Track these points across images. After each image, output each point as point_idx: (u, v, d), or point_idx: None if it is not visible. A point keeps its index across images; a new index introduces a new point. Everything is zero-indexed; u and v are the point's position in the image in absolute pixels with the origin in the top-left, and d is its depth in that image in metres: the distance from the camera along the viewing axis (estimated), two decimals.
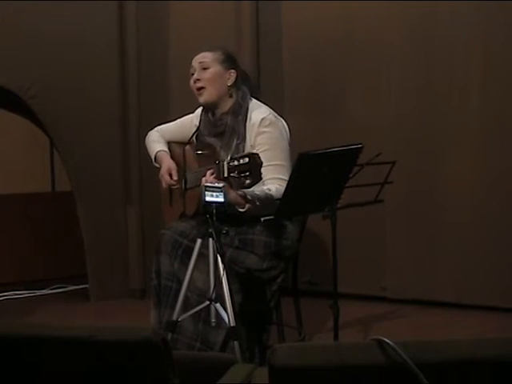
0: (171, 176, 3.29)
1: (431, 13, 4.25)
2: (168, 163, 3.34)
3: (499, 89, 4.16)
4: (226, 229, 2.90)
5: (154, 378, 1.58)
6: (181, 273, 3.00)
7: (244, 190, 2.85)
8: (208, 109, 3.27)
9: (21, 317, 4.27)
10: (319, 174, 2.84)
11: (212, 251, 2.74)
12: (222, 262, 2.70)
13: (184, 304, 2.84)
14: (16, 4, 4.36)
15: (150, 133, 3.56)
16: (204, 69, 3.23)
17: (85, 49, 4.60)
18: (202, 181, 2.80)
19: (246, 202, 2.94)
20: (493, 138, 4.19)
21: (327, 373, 1.45)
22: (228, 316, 2.71)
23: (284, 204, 2.89)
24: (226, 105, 3.24)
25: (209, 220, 2.71)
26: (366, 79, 4.48)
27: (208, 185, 2.70)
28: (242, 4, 4.65)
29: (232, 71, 3.25)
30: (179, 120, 3.53)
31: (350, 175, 2.94)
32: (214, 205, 2.68)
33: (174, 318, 2.82)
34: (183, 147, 3.25)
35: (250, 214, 3.01)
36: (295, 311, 3.49)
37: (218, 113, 3.25)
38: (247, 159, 2.62)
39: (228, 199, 2.73)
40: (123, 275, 4.81)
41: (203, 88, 3.22)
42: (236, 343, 2.72)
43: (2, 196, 5.18)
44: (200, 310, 2.89)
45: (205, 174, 2.83)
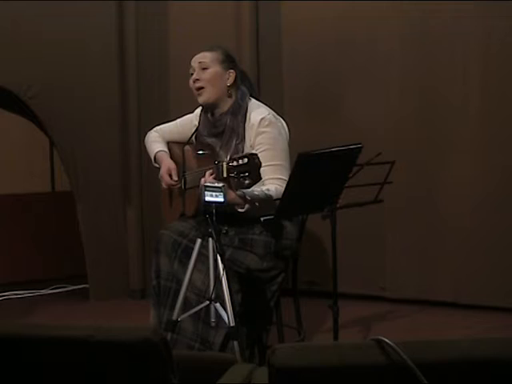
0: (171, 176, 3.29)
1: (431, 13, 4.25)
2: (167, 163, 3.34)
3: (499, 89, 4.16)
4: (226, 229, 2.90)
5: (154, 378, 1.58)
6: (180, 273, 3.00)
7: (243, 191, 2.85)
8: (207, 109, 3.27)
9: (20, 317, 4.27)
10: (319, 174, 2.84)
11: (212, 251, 2.74)
12: (222, 262, 2.70)
13: (184, 304, 2.84)
14: (16, 4, 4.36)
15: (150, 133, 3.56)
16: (203, 69, 3.23)
17: (84, 49, 4.60)
18: (201, 181, 2.80)
19: (246, 203, 2.93)
20: (493, 139, 4.19)
21: (327, 373, 1.45)
22: (228, 316, 2.71)
23: (284, 204, 2.89)
24: (226, 105, 3.24)
25: (209, 220, 2.70)
26: (366, 79, 4.48)
27: (208, 184, 2.69)
28: (242, 4, 4.65)
29: (231, 71, 3.25)
30: (178, 120, 3.53)
31: (350, 175, 2.94)
32: (214, 205, 2.68)
33: (174, 318, 2.82)
34: (182, 147, 3.25)
35: (250, 214, 3.01)
36: (295, 311, 3.49)
37: (218, 113, 3.24)
38: (246, 160, 2.62)
39: (227, 199, 2.73)
40: (123, 275, 4.81)
41: (202, 88, 3.22)
42: (236, 343, 2.72)
43: (2, 196, 5.18)
44: (200, 310, 2.90)
45: (204, 175, 2.83)
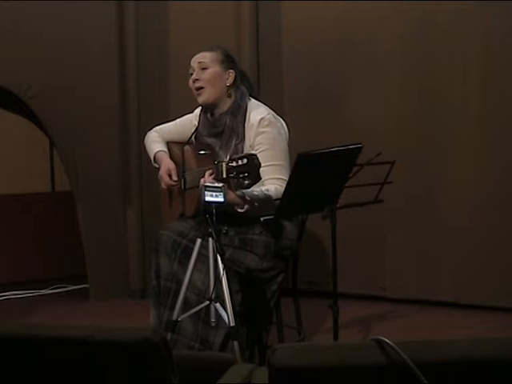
0: (170, 176, 3.29)
1: (431, 13, 4.25)
2: (167, 163, 3.34)
3: (499, 89, 4.16)
4: (226, 229, 2.90)
5: (154, 378, 1.58)
6: (180, 273, 2.99)
7: (243, 191, 2.85)
8: (207, 109, 3.26)
9: (20, 317, 4.27)
10: (319, 174, 2.84)
11: (212, 251, 2.74)
12: (222, 262, 2.70)
13: (184, 304, 2.84)
14: (16, 4, 4.36)
15: (149, 133, 3.55)
16: (203, 69, 3.23)
17: (84, 49, 4.60)
18: (201, 181, 2.80)
19: (245, 203, 2.93)
20: (493, 139, 4.19)
21: (327, 373, 1.45)
22: (228, 316, 2.71)
23: (284, 204, 2.89)
24: (225, 105, 3.23)
25: (209, 220, 2.70)
26: (366, 79, 4.48)
27: (208, 184, 2.69)
28: (242, 4, 4.65)
29: (231, 71, 3.25)
30: (178, 120, 3.52)
31: (350, 175, 2.94)
32: (214, 205, 2.68)
33: (174, 318, 2.82)
34: (182, 147, 3.25)
35: (250, 214, 3.01)
36: (295, 311, 3.49)
37: (217, 113, 3.24)
38: (246, 160, 2.61)
39: (227, 199, 2.73)
40: (123, 275, 4.81)
41: (202, 88, 3.21)
42: (236, 343, 2.72)
43: (2, 196, 5.18)
44: (200, 310, 2.89)
45: (203, 175, 2.83)
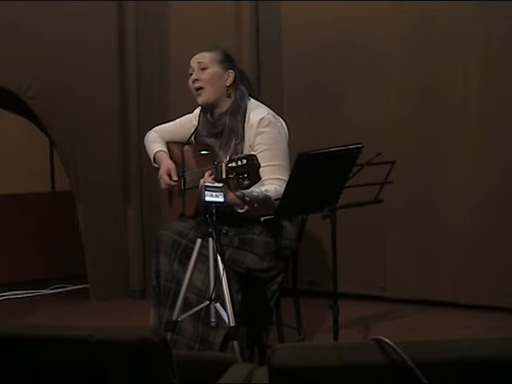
0: (170, 176, 3.29)
1: (431, 13, 4.25)
2: (167, 163, 3.34)
3: (499, 89, 4.16)
4: (226, 229, 2.89)
5: (154, 378, 1.58)
6: (180, 273, 2.99)
7: (242, 191, 2.85)
8: (206, 109, 3.26)
9: (20, 317, 4.27)
10: (319, 174, 2.84)
11: (212, 251, 2.74)
12: (222, 262, 2.70)
13: (184, 304, 2.84)
14: (16, 4, 4.36)
15: (149, 133, 3.55)
16: (202, 69, 3.23)
17: (84, 49, 4.60)
18: (201, 182, 2.80)
19: (245, 204, 2.94)
20: (493, 139, 4.19)
21: (327, 373, 1.45)
22: (228, 316, 2.71)
23: (284, 204, 2.89)
24: (225, 105, 3.23)
25: (209, 220, 2.70)
26: (366, 79, 4.48)
27: (208, 184, 2.69)
28: (242, 4, 4.65)
29: (230, 71, 3.24)
30: (178, 120, 3.52)
31: (350, 175, 2.94)
32: (214, 205, 2.68)
33: (174, 318, 2.82)
34: (182, 147, 3.25)
35: (250, 215, 3.01)
36: (295, 311, 3.49)
37: (217, 113, 3.24)
38: (245, 161, 2.61)
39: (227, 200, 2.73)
40: (123, 275, 4.81)
41: (202, 88, 3.21)
42: (236, 343, 2.72)
43: (2, 196, 5.18)
44: (200, 310, 2.89)
45: (203, 175, 2.83)
